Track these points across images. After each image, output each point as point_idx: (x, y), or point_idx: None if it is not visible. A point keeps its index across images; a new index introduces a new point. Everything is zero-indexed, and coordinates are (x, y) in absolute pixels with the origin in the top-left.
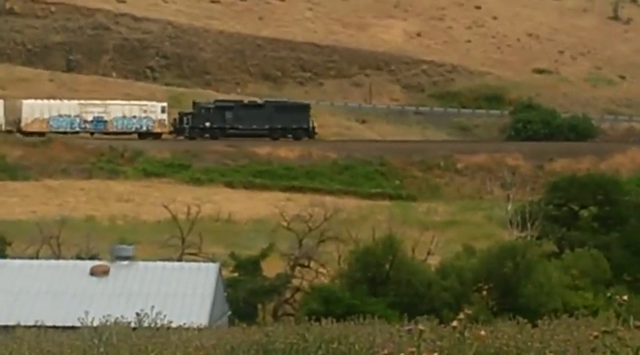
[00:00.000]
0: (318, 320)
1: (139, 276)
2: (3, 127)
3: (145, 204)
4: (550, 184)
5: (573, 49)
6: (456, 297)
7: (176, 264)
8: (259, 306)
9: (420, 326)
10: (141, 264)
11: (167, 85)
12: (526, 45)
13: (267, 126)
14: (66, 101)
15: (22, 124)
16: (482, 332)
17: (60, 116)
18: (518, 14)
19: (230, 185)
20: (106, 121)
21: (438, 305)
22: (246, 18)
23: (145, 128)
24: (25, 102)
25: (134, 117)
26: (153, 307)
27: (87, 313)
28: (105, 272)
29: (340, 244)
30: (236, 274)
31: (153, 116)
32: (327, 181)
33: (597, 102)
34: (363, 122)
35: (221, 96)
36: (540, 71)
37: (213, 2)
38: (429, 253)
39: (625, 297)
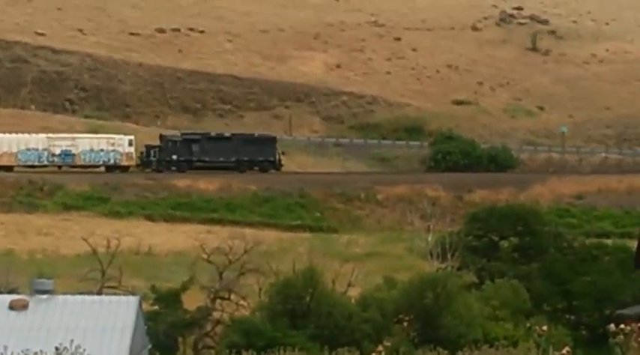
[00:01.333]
0: (238, 352)
1: (58, 310)
2: None
3: (65, 237)
4: (470, 215)
5: (492, 80)
6: (377, 329)
7: (96, 297)
8: (180, 339)
9: None
10: (60, 297)
11: (86, 117)
12: (445, 76)
13: (233, 159)
14: (34, 135)
15: None
16: None
17: (28, 150)
18: (438, 46)
19: (150, 218)
20: (74, 154)
21: (358, 337)
22: (166, 50)
23: (112, 161)
24: None
25: (102, 150)
26: (72, 341)
27: (6, 348)
28: (24, 306)
29: (261, 276)
30: (156, 307)
31: (120, 149)
32: (247, 213)
33: (516, 132)
34: (283, 154)
35: (141, 129)
36: (460, 102)
37: (132, 34)
38: (349, 285)
39: (544, 327)
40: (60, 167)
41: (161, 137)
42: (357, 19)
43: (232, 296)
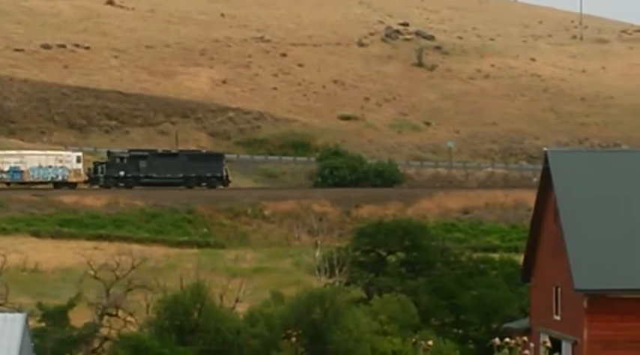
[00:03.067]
0: None
1: None
2: None
3: None
4: (357, 230)
5: (379, 96)
6: (265, 344)
7: None
8: None
9: None
10: None
11: None
12: (332, 92)
13: (181, 175)
14: None
15: None
16: None
17: None
18: (324, 61)
19: (36, 234)
20: (22, 171)
21: (247, 352)
22: (51, 66)
23: (60, 177)
24: None
25: (50, 166)
26: None
27: None
28: None
29: (148, 293)
30: (43, 324)
31: (68, 166)
32: (135, 229)
33: (403, 148)
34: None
35: (26, 145)
36: (346, 118)
37: (16, 51)
38: (237, 300)
39: (430, 342)
40: (8, 184)
41: (108, 153)
42: (243, 35)
43: (120, 313)
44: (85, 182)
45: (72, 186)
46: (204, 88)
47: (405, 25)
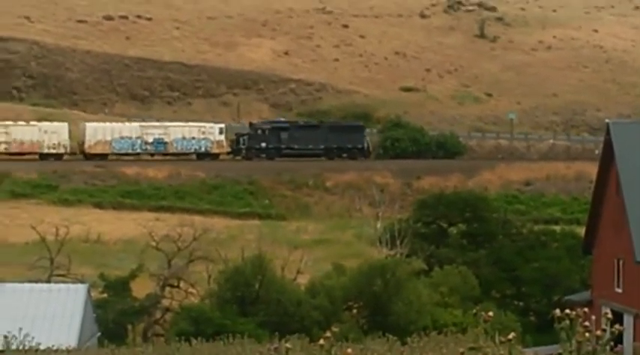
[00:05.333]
0: (188, 340)
1: (7, 298)
2: (68, 149)
3: (13, 225)
4: (418, 202)
5: (440, 67)
6: (326, 316)
7: (44, 285)
8: (129, 327)
9: (288, 345)
10: (9, 285)
11: (34, 105)
12: (393, 63)
13: (322, 146)
14: (127, 123)
15: (86, 146)
16: (350, 350)
17: (122, 138)
18: (386, 33)
19: (99, 205)
20: (166, 143)
21: (307, 323)
22: (113, 37)
23: (203, 149)
24: (89, 124)
25: (193, 138)
26: (21, 329)
27: None
28: None
29: (210, 264)
30: (105, 295)
31: (211, 137)
32: (196, 201)
33: (464, 119)
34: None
35: (88, 117)
36: (408, 89)
37: (79, 22)
38: (298, 272)
39: (490, 314)
40: (152, 155)
41: (250, 125)
42: (305, 6)
43: (181, 284)
44: (228, 153)
45: (214, 157)
46: (266, 59)
47: None
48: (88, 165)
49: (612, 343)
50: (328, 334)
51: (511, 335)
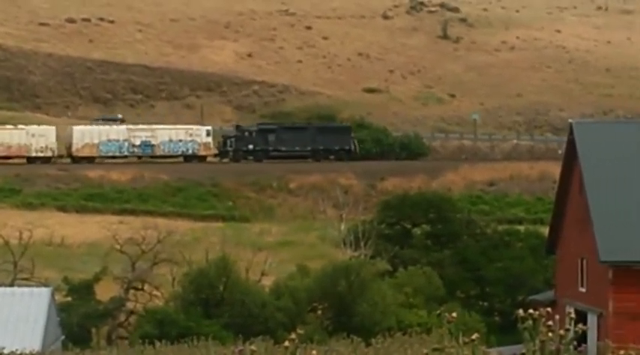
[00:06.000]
0: (152, 343)
1: None
2: (55, 153)
3: None
4: (382, 203)
5: (403, 68)
6: (291, 317)
7: (8, 289)
8: (93, 330)
9: (252, 347)
10: None
11: None
12: (356, 64)
13: (309, 148)
14: (115, 126)
15: (73, 149)
16: (314, 352)
17: (109, 141)
18: (349, 34)
19: (62, 209)
20: (153, 145)
21: (272, 325)
22: (76, 40)
23: (190, 151)
24: (76, 128)
25: (180, 140)
26: None
27: None
28: None
29: (174, 266)
30: (69, 298)
31: (198, 139)
32: (160, 204)
33: (428, 120)
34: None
35: (51, 120)
36: (371, 90)
37: (42, 25)
38: (262, 274)
39: (454, 314)
40: (140, 157)
41: (237, 127)
42: (268, 8)
43: (146, 287)
44: (215, 155)
45: (201, 159)
46: (229, 61)
47: None
48: (51, 169)
49: (576, 342)
50: (293, 336)
51: (474, 336)
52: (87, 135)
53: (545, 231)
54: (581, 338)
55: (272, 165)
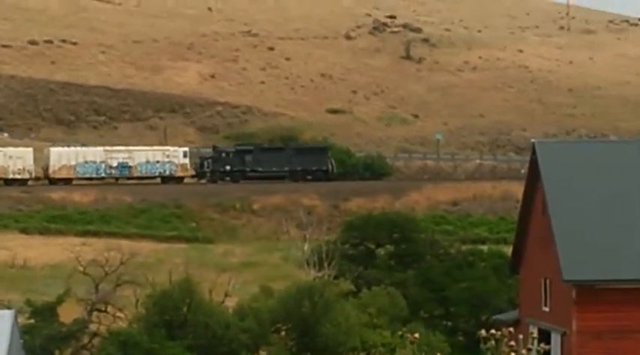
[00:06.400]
0: None
1: None
2: (33, 175)
3: None
4: (346, 223)
5: (367, 89)
6: (254, 338)
7: None
8: (56, 352)
9: None
10: None
11: None
12: (319, 85)
13: (286, 169)
14: (91, 148)
15: (50, 171)
16: None
17: (86, 162)
18: (311, 55)
19: (24, 231)
20: (130, 167)
21: (236, 346)
22: (38, 62)
23: (168, 172)
24: (53, 149)
25: (157, 162)
26: None
27: None
28: None
29: (137, 288)
30: (32, 321)
31: (175, 160)
32: (123, 225)
33: (391, 140)
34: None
35: (14, 142)
36: (334, 111)
37: (4, 46)
38: (226, 295)
39: (416, 335)
40: (117, 179)
41: (214, 148)
42: (231, 29)
43: (109, 308)
44: (192, 176)
45: (179, 180)
46: (193, 82)
47: (393, 17)
48: (13, 191)
49: None
50: None
51: None
52: (64, 156)
53: (509, 250)
54: None
55: (234, 185)
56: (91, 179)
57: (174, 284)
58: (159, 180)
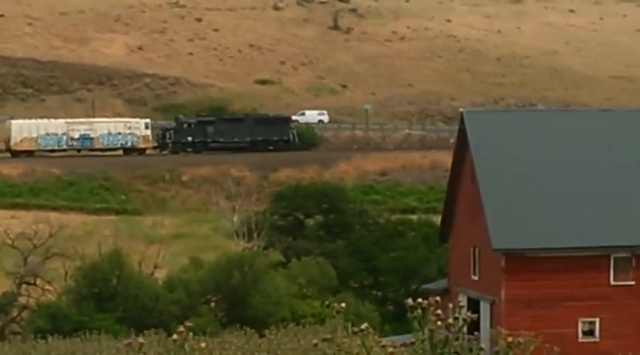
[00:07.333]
0: (44, 337)
1: None
2: None
3: None
4: (275, 194)
5: (295, 59)
6: (184, 310)
7: None
8: None
9: (141, 340)
10: None
11: None
12: (248, 56)
13: (248, 139)
14: (53, 120)
15: (12, 143)
16: (203, 345)
17: (47, 135)
18: (239, 26)
19: None
20: (92, 138)
21: (166, 318)
22: None
23: (129, 144)
24: (14, 122)
25: (119, 133)
26: None
27: None
28: None
29: (66, 260)
30: None
31: (137, 132)
32: (52, 197)
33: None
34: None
35: None
36: (263, 82)
37: None
38: (155, 267)
39: (343, 305)
40: (79, 150)
41: (176, 119)
42: (158, 1)
43: (38, 281)
44: (154, 148)
45: (141, 152)
46: (120, 54)
47: None
48: None
49: (466, 330)
50: (181, 328)
51: (363, 325)
52: (25, 129)
53: (438, 219)
54: (474, 326)
55: (163, 157)
56: (53, 151)
57: (104, 256)
58: (121, 151)
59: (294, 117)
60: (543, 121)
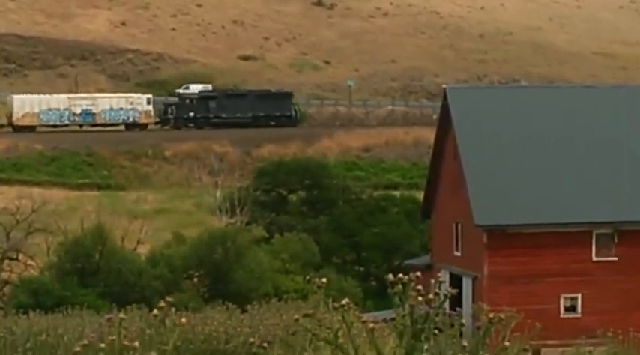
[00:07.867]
0: (27, 312)
1: None
2: None
3: None
4: (257, 170)
5: (278, 35)
6: (167, 285)
7: None
8: None
9: (122, 315)
10: None
11: None
12: (231, 32)
13: (250, 115)
14: (55, 95)
15: (14, 118)
16: (184, 320)
17: (50, 110)
18: (223, 1)
19: None
20: (94, 113)
21: (148, 293)
22: None
23: (131, 119)
24: (16, 96)
25: (121, 109)
26: None
27: None
28: None
29: (49, 236)
30: None
31: (139, 108)
32: (34, 173)
33: (303, 87)
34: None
35: None
36: (246, 58)
37: None
38: (138, 242)
39: (324, 280)
40: (81, 126)
41: (178, 95)
42: None
43: (20, 256)
44: (156, 123)
45: (143, 127)
46: (103, 29)
47: None
48: None
49: (449, 306)
50: (162, 303)
51: (344, 301)
52: (27, 104)
53: (421, 196)
54: (456, 302)
55: (145, 133)
56: (55, 126)
57: (86, 231)
58: (122, 127)
59: (178, 91)
60: (526, 97)
